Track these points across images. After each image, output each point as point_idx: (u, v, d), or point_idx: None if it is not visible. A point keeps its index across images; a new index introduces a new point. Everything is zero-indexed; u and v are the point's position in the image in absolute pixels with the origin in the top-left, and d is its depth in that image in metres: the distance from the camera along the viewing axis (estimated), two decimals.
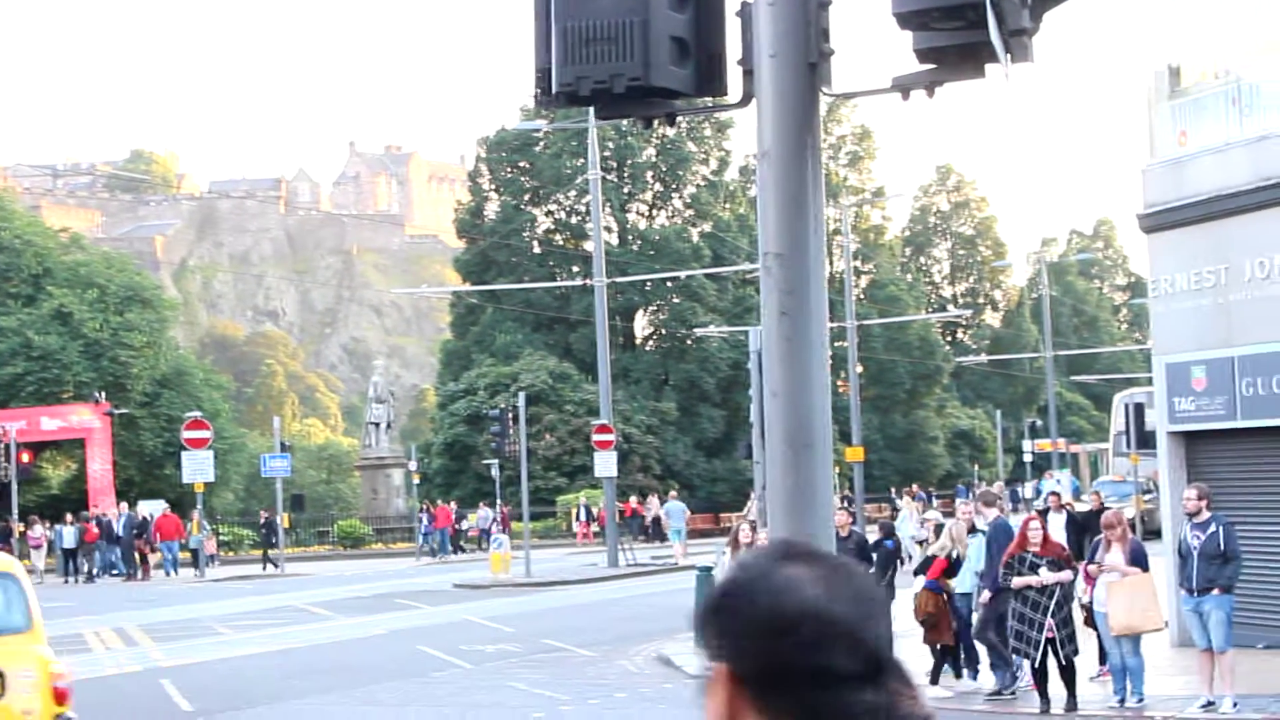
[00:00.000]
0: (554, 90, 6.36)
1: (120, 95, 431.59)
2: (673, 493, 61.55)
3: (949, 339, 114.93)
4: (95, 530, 58.17)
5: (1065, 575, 19.71)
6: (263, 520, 59.52)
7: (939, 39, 6.06)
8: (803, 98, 6.27)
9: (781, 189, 6.27)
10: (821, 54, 6.26)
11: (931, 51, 6.13)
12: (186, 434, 55.89)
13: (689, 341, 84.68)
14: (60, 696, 15.36)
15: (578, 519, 70.52)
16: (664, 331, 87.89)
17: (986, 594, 20.82)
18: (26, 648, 15.60)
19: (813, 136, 6.31)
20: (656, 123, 6.82)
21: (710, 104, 6.70)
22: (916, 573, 23.22)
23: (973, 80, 6.19)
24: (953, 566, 22.08)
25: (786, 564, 2.58)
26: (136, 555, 57.55)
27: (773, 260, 6.25)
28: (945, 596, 21.93)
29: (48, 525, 60.51)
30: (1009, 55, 5.98)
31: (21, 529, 59.10)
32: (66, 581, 56.23)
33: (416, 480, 75.82)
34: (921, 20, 5.97)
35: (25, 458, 59.64)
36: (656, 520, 67.42)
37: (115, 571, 58.01)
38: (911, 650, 22.34)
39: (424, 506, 67.96)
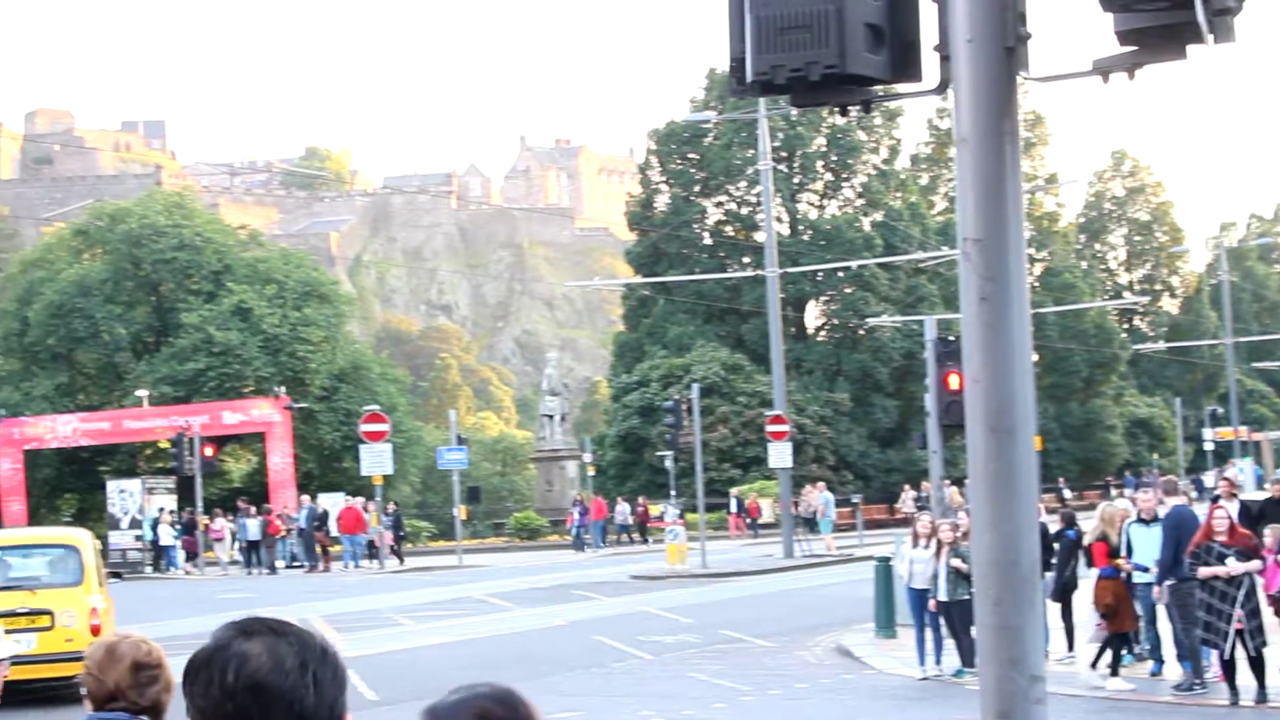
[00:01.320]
0: (749, 79, 6.34)
1: (295, 94, 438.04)
2: (820, 484, 61.11)
3: (1125, 326, 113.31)
4: (278, 523, 59.05)
5: (1254, 565, 19.37)
6: (390, 512, 59.94)
7: (1141, 20, 5.97)
8: (1000, 82, 6.22)
9: (980, 174, 6.22)
10: (1019, 38, 6.20)
11: (1133, 33, 6.04)
12: (364, 427, 56.60)
13: (861, 331, 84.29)
14: (95, 630, 21.82)
15: (729, 512, 70.38)
16: (836, 322, 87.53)
17: (1168, 583, 20.53)
18: (75, 596, 23.07)
19: (1010, 121, 6.25)
20: (835, 110, 6.78)
21: (906, 91, 6.65)
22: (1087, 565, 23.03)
23: (1174, 62, 6.11)
24: (1114, 550, 21.84)
25: (243, 639, 3.22)
26: (318, 547, 58.33)
27: (972, 246, 6.20)
28: (1125, 579, 21.65)
29: (230, 518, 61.58)
30: (1212, 35, 5.88)
31: (205, 521, 60.25)
32: (249, 573, 57.19)
33: (591, 472, 76.15)
34: (1125, 1, 5.90)
35: (208, 451, 60.75)
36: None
37: (296, 563, 58.89)
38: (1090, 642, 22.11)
39: (577, 499, 67.88)
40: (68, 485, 75.78)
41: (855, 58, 6.15)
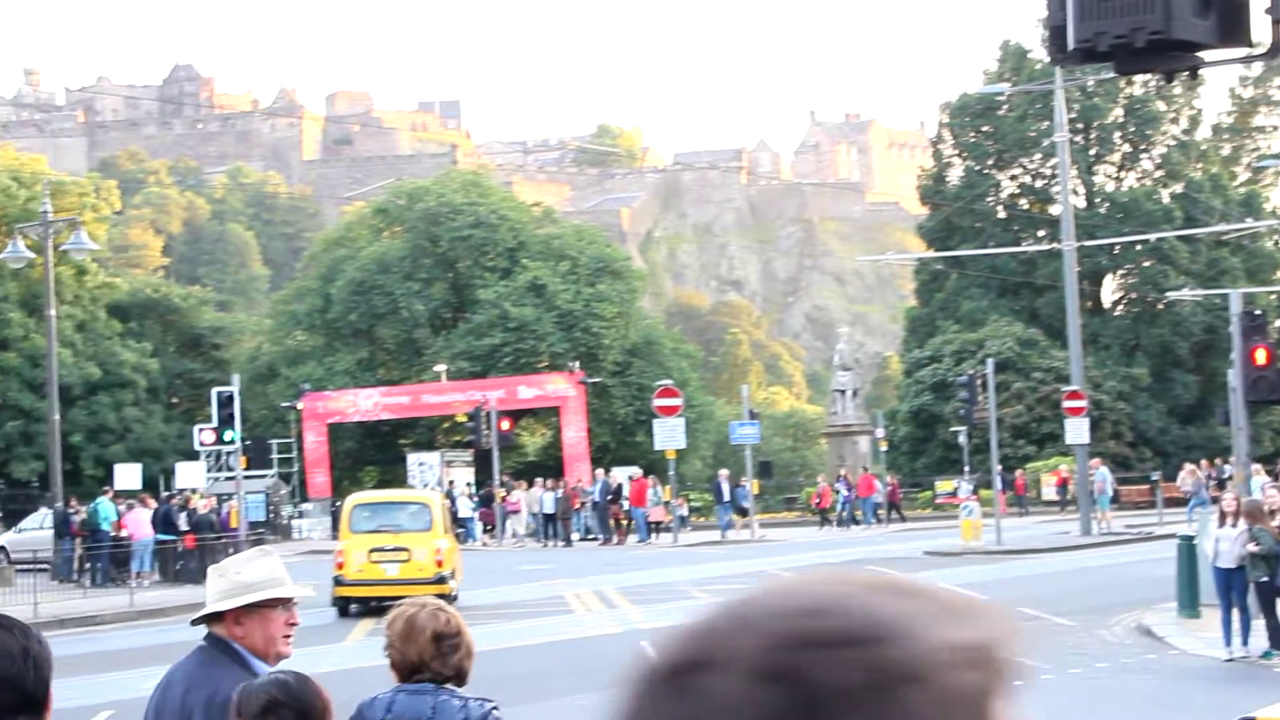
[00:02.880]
0: (1069, 47, 6.22)
1: (587, 72, 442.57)
2: (1097, 460, 59.74)
3: None
4: (576, 496, 59.73)
5: None
6: (737, 484, 60.12)
7: None
8: None
9: None
10: None
11: None
12: (657, 402, 57.01)
13: (1160, 306, 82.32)
14: (439, 564, 32.16)
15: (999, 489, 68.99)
16: (1134, 295, 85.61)
17: None
18: (426, 539, 32.72)
19: None
20: (1130, 78, 6.62)
21: (1235, 56, 6.46)
22: None
23: None
24: None
25: None
26: (611, 520, 58.90)
27: None
28: None
29: (526, 490, 62.50)
30: None
31: (502, 494, 61.29)
32: (544, 545, 57.99)
33: (884, 448, 75.67)
34: None
35: (504, 425, 61.76)
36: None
37: (591, 536, 59.53)
38: None
39: (842, 474, 66.91)
40: (369, 458, 77.68)
41: (1181, 22, 5.99)
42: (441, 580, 31.57)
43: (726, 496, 60.08)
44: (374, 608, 29.71)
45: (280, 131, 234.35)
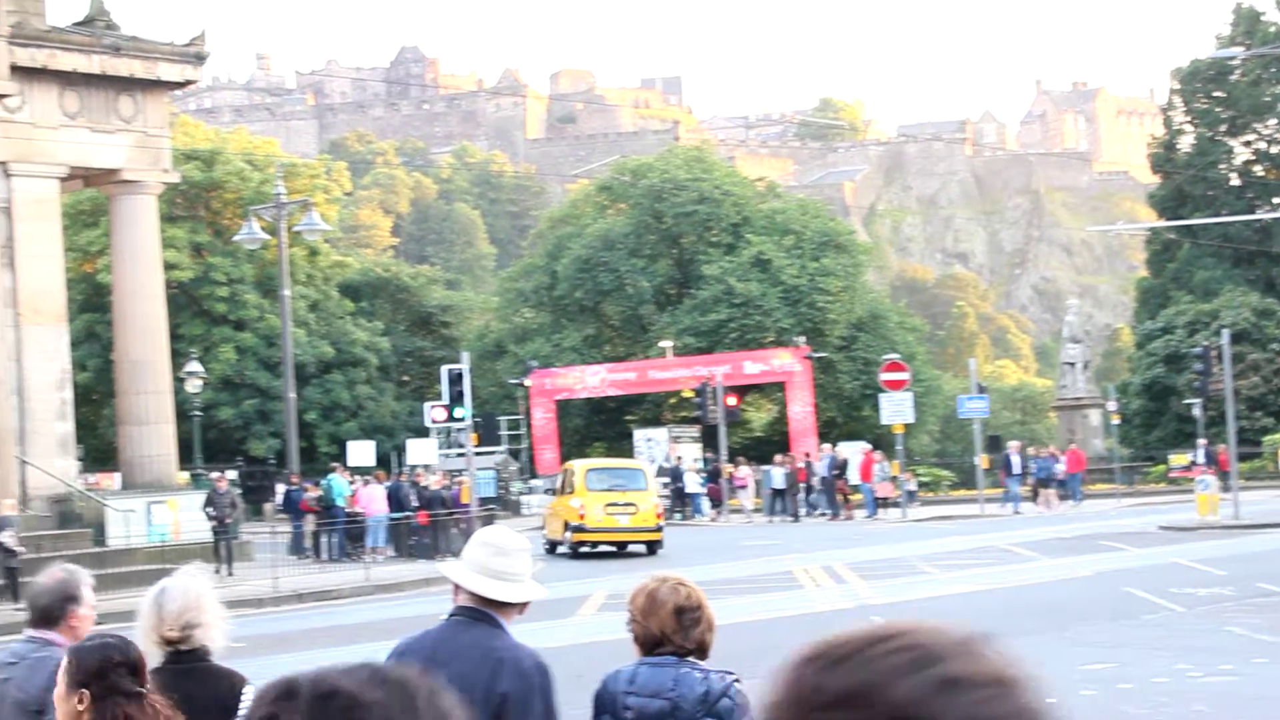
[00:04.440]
0: None
1: (809, 46, 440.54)
2: None
3: None
4: (804, 471, 59.55)
5: None
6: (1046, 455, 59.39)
7: None
8: None
9: None
10: None
11: None
12: (884, 376, 56.63)
13: None
14: (659, 516, 42.30)
15: (1193, 463, 66.93)
16: None
17: None
18: (645, 496, 42.47)
19: None
20: None
21: None
22: None
23: None
24: None
25: None
26: (839, 496, 58.67)
27: None
28: None
29: (754, 466, 62.47)
30: None
31: (730, 469, 61.36)
32: (771, 521, 57.94)
33: (1115, 421, 74.40)
34: None
35: (731, 401, 61.77)
36: None
37: (819, 511, 59.34)
38: None
39: (1047, 451, 64.64)
40: (596, 434, 78.25)
41: None
42: (659, 529, 42.20)
43: (1017, 469, 59.18)
44: (603, 552, 42.31)
45: (505, 111, 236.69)
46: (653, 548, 41.92)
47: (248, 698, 6.60)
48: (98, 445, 63.79)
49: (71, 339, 45.25)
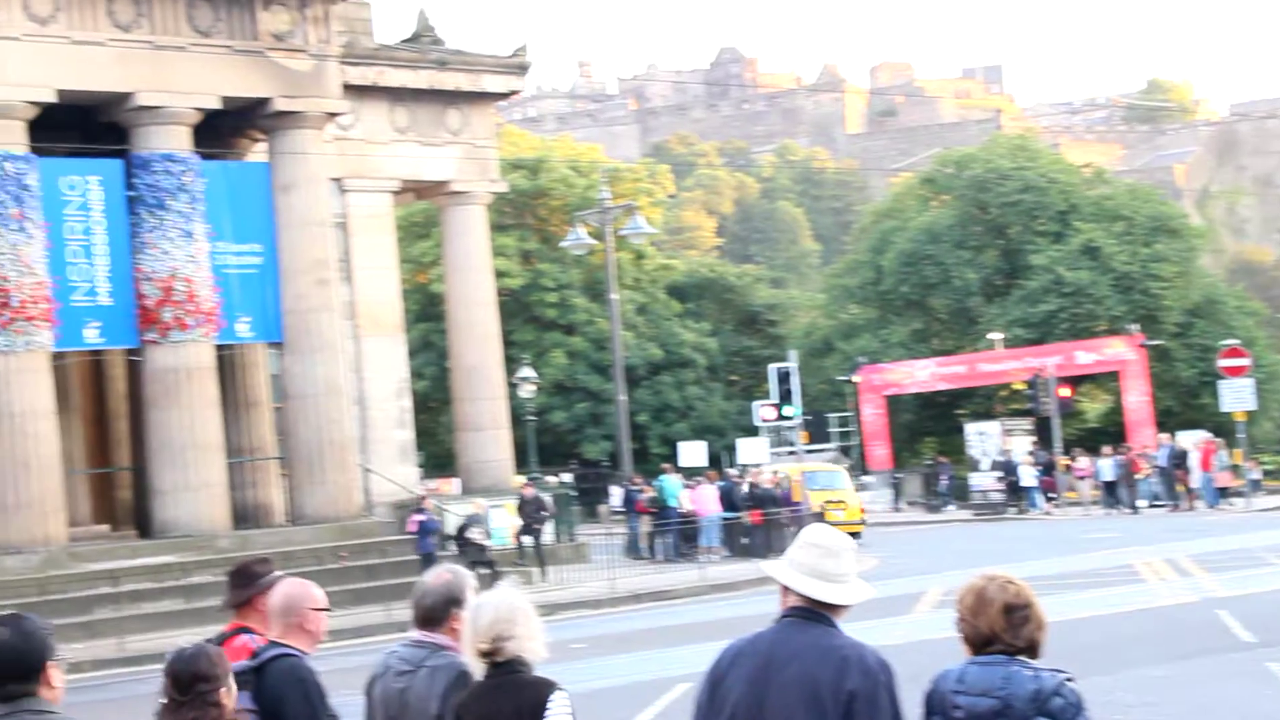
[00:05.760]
0: None
1: (1135, 27, 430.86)
2: None
3: None
4: (1140, 462, 58.22)
5: None
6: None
7: None
8: None
9: None
10: None
11: None
12: (1223, 362, 55.11)
13: None
14: (862, 511, 51.43)
15: None
16: None
17: None
18: (848, 494, 51.55)
19: None
20: None
21: None
22: None
23: None
24: None
25: None
26: (1178, 486, 57.27)
27: None
28: None
29: (1089, 457, 61.32)
30: None
31: (1066, 461, 60.35)
32: (1107, 514, 56.80)
33: None
34: None
35: (1063, 392, 60.77)
36: None
37: (1157, 502, 57.99)
38: None
39: None
40: (926, 429, 77.63)
41: None
42: (862, 523, 49.30)
43: None
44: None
45: (824, 107, 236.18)
46: (855, 537, 43.65)
47: (556, 704, 6.74)
48: (436, 451, 65.41)
49: (408, 348, 46.52)
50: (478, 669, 6.88)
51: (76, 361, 37.71)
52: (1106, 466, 58.25)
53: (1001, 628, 6.44)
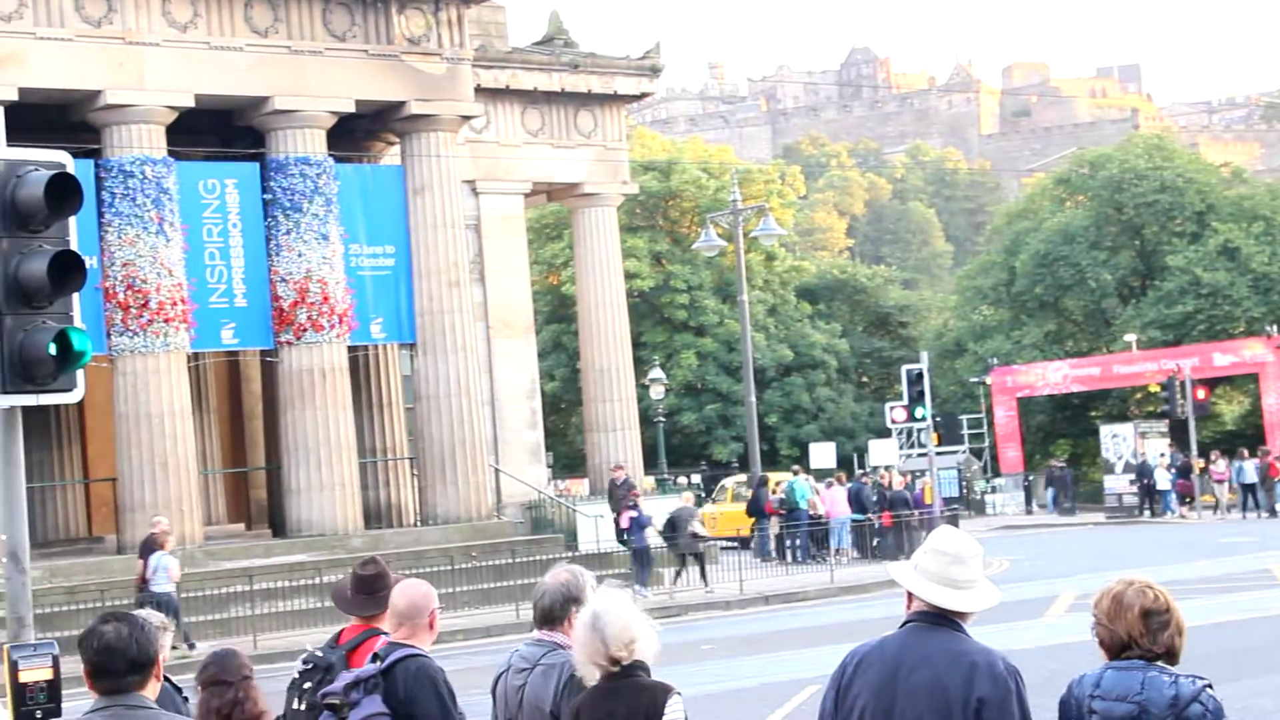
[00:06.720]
0: None
1: (1274, 23, 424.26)
2: None
3: None
4: (1277, 465, 57.25)
5: None
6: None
7: None
8: None
9: None
10: None
11: None
12: None
13: None
14: None
15: None
16: None
17: None
18: None
19: None
20: None
21: None
22: None
23: None
24: None
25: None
26: None
27: None
28: None
29: (1227, 460, 60.46)
30: None
31: (1202, 464, 59.57)
32: (1244, 517, 55.99)
33: None
34: None
35: (1200, 394, 60.02)
36: None
37: None
38: None
39: None
40: (1060, 431, 76.90)
41: None
42: None
43: None
44: None
45: (957, 107, 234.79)
46: None
47: (672, 709, 6.77)
48: (566, 452, 65.65)
49: (539, 349, 46.72)
50: (592, 675, 6.90)
51: (213, 362, 38.23)
52: (1248, 469, 57.36)
53: (1139, 633, 6.37)
